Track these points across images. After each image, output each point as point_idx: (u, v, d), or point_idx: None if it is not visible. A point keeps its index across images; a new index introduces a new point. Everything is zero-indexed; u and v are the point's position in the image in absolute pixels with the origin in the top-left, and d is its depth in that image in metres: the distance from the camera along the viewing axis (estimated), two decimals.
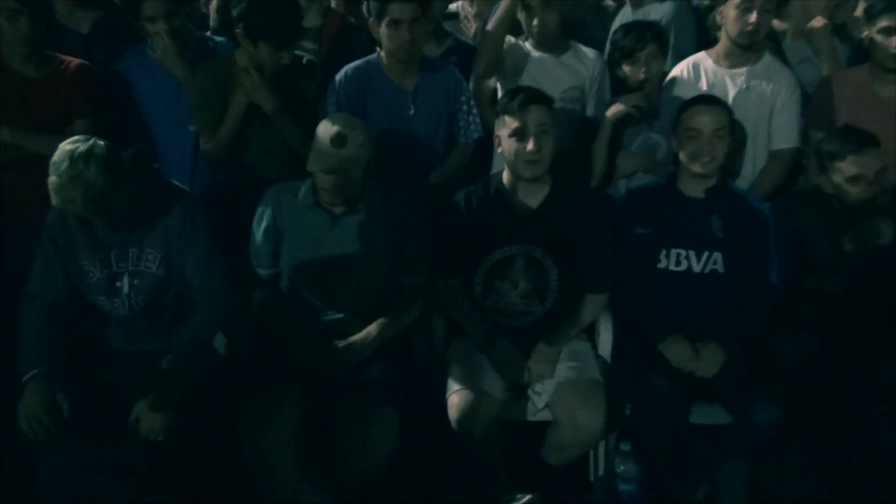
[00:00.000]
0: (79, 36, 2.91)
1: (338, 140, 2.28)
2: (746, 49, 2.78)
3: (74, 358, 2.32)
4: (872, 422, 2.27)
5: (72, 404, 2.21)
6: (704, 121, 2.41)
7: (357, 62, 2.80)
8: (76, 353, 2.34)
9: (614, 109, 2.78)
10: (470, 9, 3.42)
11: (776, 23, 3.09)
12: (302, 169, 2.41)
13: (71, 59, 2.72)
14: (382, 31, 2.66)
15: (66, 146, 2.11)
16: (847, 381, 2.32)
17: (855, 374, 2.32)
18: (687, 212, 2.48)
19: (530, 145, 2.32)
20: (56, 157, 2.10)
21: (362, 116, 2.70)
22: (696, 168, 2.44)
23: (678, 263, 2.46)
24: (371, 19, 2.71)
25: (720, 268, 2.45)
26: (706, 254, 2.45)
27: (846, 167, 2.41)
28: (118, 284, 2.32)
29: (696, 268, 2.46)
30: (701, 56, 2.87)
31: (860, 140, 2.42)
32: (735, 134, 2.57)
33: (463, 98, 2.82)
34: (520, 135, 2.33)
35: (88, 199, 2.09)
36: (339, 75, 2.76)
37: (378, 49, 2.77)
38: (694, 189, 2.49)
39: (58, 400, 2.18)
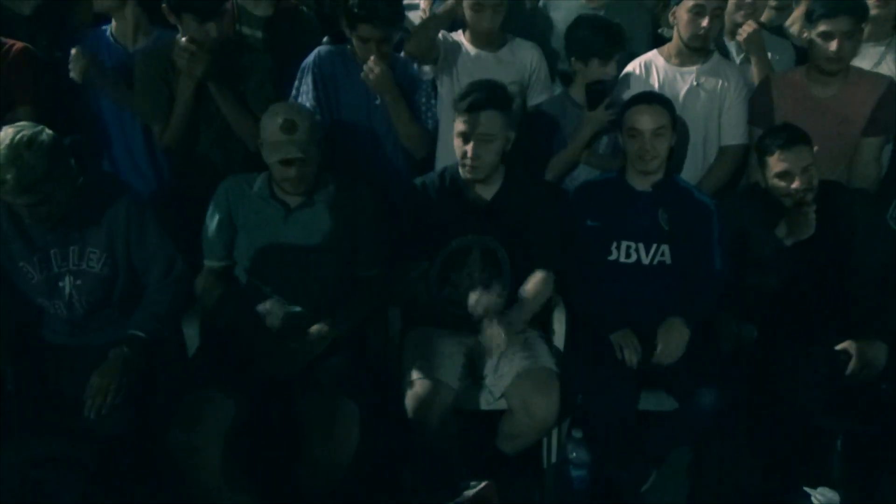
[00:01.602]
0: (22, 19, 2.79)
1: (288, 127, 2.26)
2: (697, 50, 2.82)
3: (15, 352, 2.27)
4: (805, 407, 2.32)
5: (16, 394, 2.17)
6: (644, 120, 2.47)
7: (329, 47, 2.81)
8: (17, 347, 2.28)
9: (591, 128, 2.76)
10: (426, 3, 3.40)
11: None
12: (250, 159, 2.37)
13: (13, 42, 2.61)
14: (353, 41, 2.68)
15: (10, 128, 2.05)
16: (782, 368, 2.39)
17: (790, 362, 2.38)
18: (635, 205, 2.54)
19: (469, 150, 2.35)
20: None
21: (334, 98, 2.72)
22: (641, 165, 2.50)
23: (628, 255, 2.52)
24: (343, 23, 2.70)
25: (668, 259, 2.51)
26: (654, 246, 2.51)
27: (774, 162, 2.47)
28: (60, 285, 2.27)
29: (645, 260, 2.51)
30: (653, 54, 2.91)
31: (789, 136, 2.46)
32: (677, 130, 2.61)
33: (422, 92, 2.83)
34: (464, 138, 2.36)
35: (22, 184, 2.02)
36: (312, 56, 2.76)
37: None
38: (641, 183, 2.55)
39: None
